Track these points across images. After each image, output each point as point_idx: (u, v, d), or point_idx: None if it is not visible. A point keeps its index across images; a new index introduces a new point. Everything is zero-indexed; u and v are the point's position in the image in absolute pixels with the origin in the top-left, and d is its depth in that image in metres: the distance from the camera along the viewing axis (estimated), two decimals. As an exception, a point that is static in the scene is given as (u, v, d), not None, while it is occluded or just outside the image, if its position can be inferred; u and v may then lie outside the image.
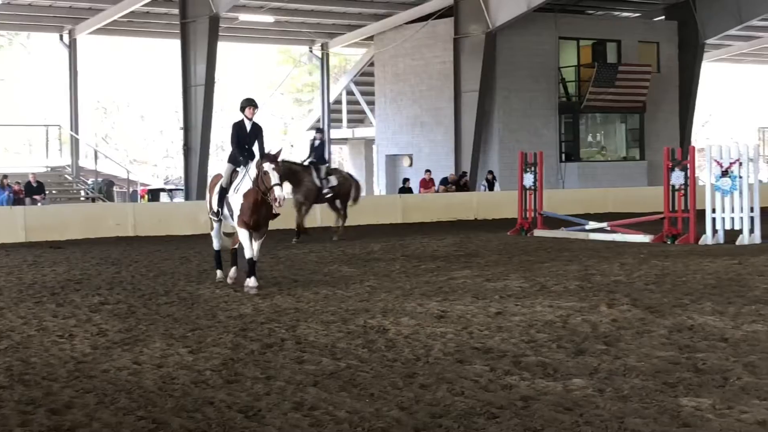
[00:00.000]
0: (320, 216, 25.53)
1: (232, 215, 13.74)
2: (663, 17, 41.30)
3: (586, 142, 39.06)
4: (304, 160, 22.64)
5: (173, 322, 11.03)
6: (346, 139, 47.52)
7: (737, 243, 19.43)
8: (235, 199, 13.56)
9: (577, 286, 13.34)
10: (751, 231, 19.73)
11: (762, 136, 51.45)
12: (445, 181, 33.80)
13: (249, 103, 14.05)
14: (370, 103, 42.95)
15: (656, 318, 10.50)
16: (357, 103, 45.45)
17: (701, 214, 20.31)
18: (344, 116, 46.06)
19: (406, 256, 18.21)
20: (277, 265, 16.87)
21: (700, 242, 19.84)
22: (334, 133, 44.03)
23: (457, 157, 35.84)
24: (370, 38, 40.47)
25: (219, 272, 14.53)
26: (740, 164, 19.84)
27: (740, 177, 19.77)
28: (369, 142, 45.16)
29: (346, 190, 22.75)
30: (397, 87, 39.06)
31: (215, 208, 14.07)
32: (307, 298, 12.65)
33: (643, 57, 39.19)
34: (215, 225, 14.45)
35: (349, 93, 45.53)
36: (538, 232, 23.11)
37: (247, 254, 13.44)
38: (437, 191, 33.03)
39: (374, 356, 8.87)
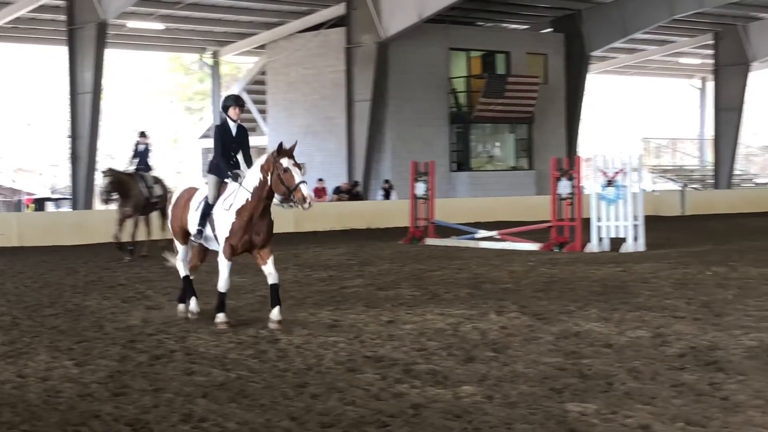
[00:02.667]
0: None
1: (216, 237, 11.40)
2: (551, 29, 42.06)
3: (476, 152, 39.52)
4: (128, 167, 20.94)
5: (59, 334, 10.79)
6: (237, 147, 47.12)
7: (622, 251, 19.89)
8: (226, 217, 11.16)
9: (467, 294, 13.48)
10: (635, 239, 20.22)
11: (646, 147, 52.86)
12: (337, 190, 33.84)
13: (234, 102, 11.70)
14: (263, 112, 42.74)
15: (544, 325, 10.67)
16: (249, 111, 45.16)
17: (587, 222, 20.72)
18: (236, 125, 45.65)
19: (299, 265, 18.16)
20: (166, 276, 16.63)
21: (586, 250, 20.24)
22: (226, 142, 43.65)
23: (349, 166, 35.89)
24: (262, 47, 40.30)
25: (183, 306, 11.98)
26: (624, 174, 20.32)
27: (625, 186, 20.24)
28: (261, 151, 44.88)
29: (166, 201, 21.36)
30: (289, 96, 38.96)
31: (196, 227, 11.55)
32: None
33: (531, 68, 39.85)
34: (182, 249, 12.02)
35: (241, 102, 45.16)
36: (429, 241, 23.29)
37: (222, 286, 11.19)
38: (330, 200, 33.05)
39: (265, 366, 8.82)
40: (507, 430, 6.63)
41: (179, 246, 12.08)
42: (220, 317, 11.13)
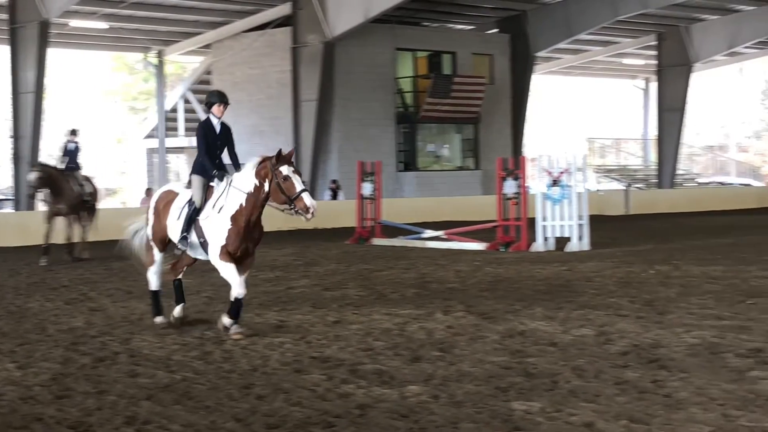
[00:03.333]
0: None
1: (203, 244, 10.59)
2: (496, 30, 42.30)
3: (423, 152, 39.62)
4: (57, 165, 20.35)
5: (0, 337, 10.64)
6: (183, 147, 46.81)
7: (567, 250, 20.05)
8: (217, 222, 10.39)
9: (414, 294, 13.50)
10: (580, 238, 20.39)
11: (590, 146, 53.34)
12: (284, 191, 33.66)
13: (219, 99, 11.07)
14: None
15: (489, 324, 10.70)
16: (194, 111, 44.86)
17: (533, 222, 20.84)
18: (181, 124, 45.34)
19: (244, 266, 18.02)
20: (110, 277, 16.48)
21: (532, 249, 20.38)
22: (171, 142, 43.34)
23: (296, 167, 35.73)
24: (208, 46, 40.07)
25: (160, 318, 11.11)
26: (569, 174, 20.49)
27: (569, 186, 20.41)
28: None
29: (95, 200, 20.63)
30: (235, 96, 38.35)
31: (180, 233, 10.68)
32: (141, 310, 12.35)
33: (477, 69, 40.05)
34: (158, 257, 11.10)
35: (186, 101, 44.91)
36: (376, 241, 23.30)
37: (238, 291, 10.26)
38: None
39: (210, 368, 8.76)
40: (453, 429, 6.65)
41: (155, 254, 11.12)
42: (234, 326, 10.27)
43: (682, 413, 6.91)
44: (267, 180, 10.34)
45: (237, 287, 10.26)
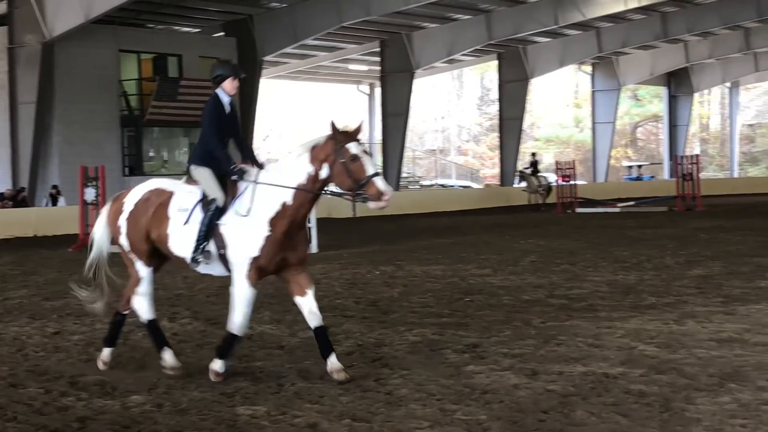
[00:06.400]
0: None
1: (222, 256, 8.22)
2: (223, 33, 42.13)
3: (149, 156, 38.87)
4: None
5: None
6: None
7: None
8: (248, 227, 8.08)
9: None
10: (308, 241, 20.59)
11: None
12: (0, 197, 32.18)
13: (232, 71, 8.69)
14: None
15: (216, 330, 10.61)
16: None
17: None
18: None
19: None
20: None
21: None
22: None
23: (14, 172, 34.24)
24: None
25: (170, 354, 8.58)
26: None
27: None
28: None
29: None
30: (-55, 98, 36.60)
31: (196, 244, 8.20)
32: None
33: (204, 72, 39.62)
34: (146, 274, 8.66)
35: None
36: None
37: (238, 326, 8.15)
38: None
39: None
40: (177, 437, 6.56)
41: (142, 270, 8.63)
42: (219, 364, 8.16)
43: (403, 410, 7.10)
44: (327, 163, 8.11)
45: (240, 320, 8.12)
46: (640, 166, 62.22)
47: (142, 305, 8.67)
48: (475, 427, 6.66)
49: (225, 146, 8.53)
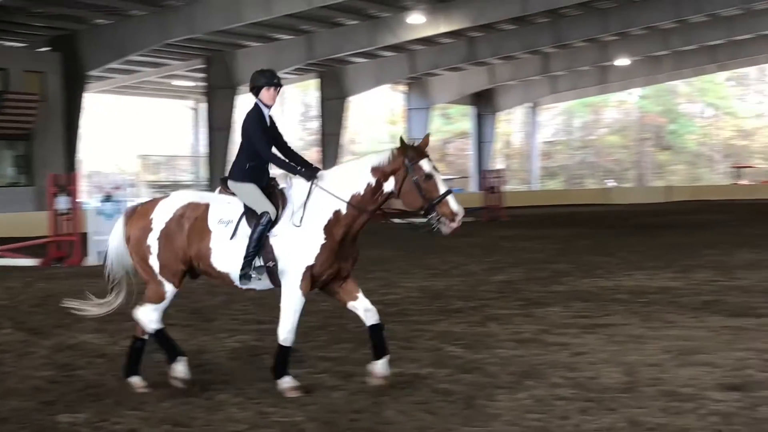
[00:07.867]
0: None
1: (271, 270, 7.92)
2: (49, 48, 42.04)
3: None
4: None
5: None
6: None
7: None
8: (301, 236, 7.81)
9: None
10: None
11: (144, 163, 54.54)
12: None
13: (269, 81, 8.16)
14: None
15: (39, 339, 10.64)
16: None
17: (86, 236, 20.97)
18: None
19: None
20: None
21: (85, 264, 20.49)
22: None
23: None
24: None
25: (182, 366, 8.29)
26: (122, 189, 21.17)
27: (122, 201, 20.69)
28: None
29: None
30: None
31: (246, 261, 7.87)
32: None
33: (29, 86, 39.29)
34: (170, 293, 8.22)
35: None
36: None
37: (287, 336, 7.93)
38: None
39: None
40: (-5, 446, 6.58)
41: (168, 289, 8.19)
42: (287, 381, 7.92)
43: (222, 413, 7.34)
44: (394, 177, 7.84)
45: (288, 330, 7.89)
46: (450, 180, 64.87)
47: (156, 319, 8.32)
48: (292, 428, 6.92)
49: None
